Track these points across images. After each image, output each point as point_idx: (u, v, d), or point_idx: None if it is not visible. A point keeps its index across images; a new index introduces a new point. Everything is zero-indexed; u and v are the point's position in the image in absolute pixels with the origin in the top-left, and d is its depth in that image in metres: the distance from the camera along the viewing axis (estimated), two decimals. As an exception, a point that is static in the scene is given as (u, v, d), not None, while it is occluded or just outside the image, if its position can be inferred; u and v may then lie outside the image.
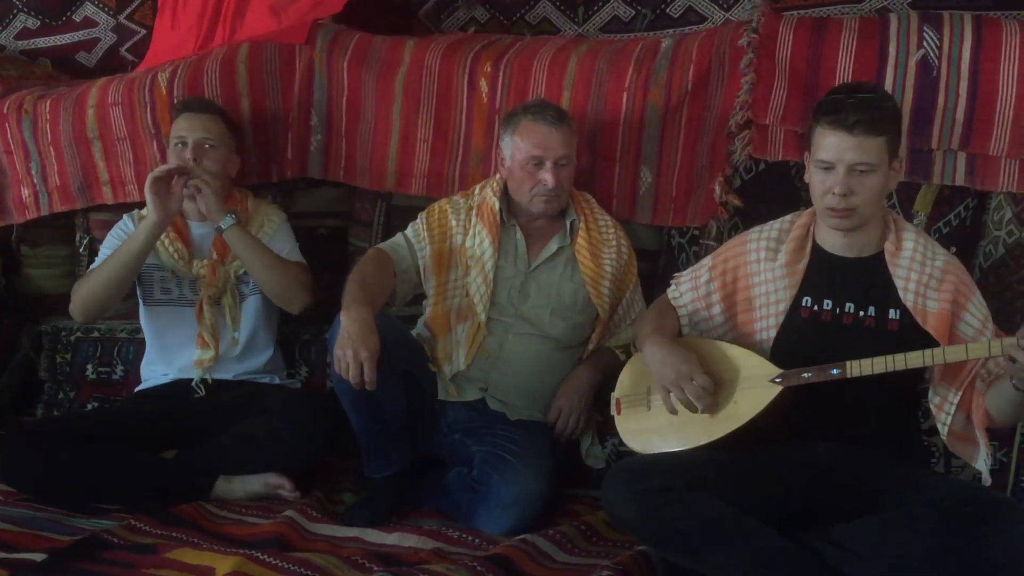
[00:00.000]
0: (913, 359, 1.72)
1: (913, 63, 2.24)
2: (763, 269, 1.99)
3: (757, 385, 1.88)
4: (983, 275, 2.28)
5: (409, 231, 2.41)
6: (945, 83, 2.22)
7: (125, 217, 2.63)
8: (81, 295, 2.46)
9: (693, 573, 1.78)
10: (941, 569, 1.62)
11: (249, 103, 2.74)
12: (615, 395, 2.13)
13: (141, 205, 2.68)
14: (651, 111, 2.47)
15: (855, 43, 2.28)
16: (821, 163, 1.83)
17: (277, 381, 2.60)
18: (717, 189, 2.40)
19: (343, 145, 2.78)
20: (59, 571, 1.82)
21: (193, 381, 2.49)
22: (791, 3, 2.66)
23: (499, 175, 2.41)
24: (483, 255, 2.32)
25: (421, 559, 1.92)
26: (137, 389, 2.61)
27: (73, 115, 2.87)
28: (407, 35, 2.89)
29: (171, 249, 2.51)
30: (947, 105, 2.22)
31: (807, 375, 1.83)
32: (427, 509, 2.26)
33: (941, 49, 2.22)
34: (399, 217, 2.68)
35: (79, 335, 2.94)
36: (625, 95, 2.48)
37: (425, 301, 2.42)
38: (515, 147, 2.31)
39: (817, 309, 1.92)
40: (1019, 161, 2.22)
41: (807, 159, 1.91)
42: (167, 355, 2.55)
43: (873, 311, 1.88)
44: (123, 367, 2.86)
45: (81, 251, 3.00)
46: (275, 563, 1.83)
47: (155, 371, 2.57)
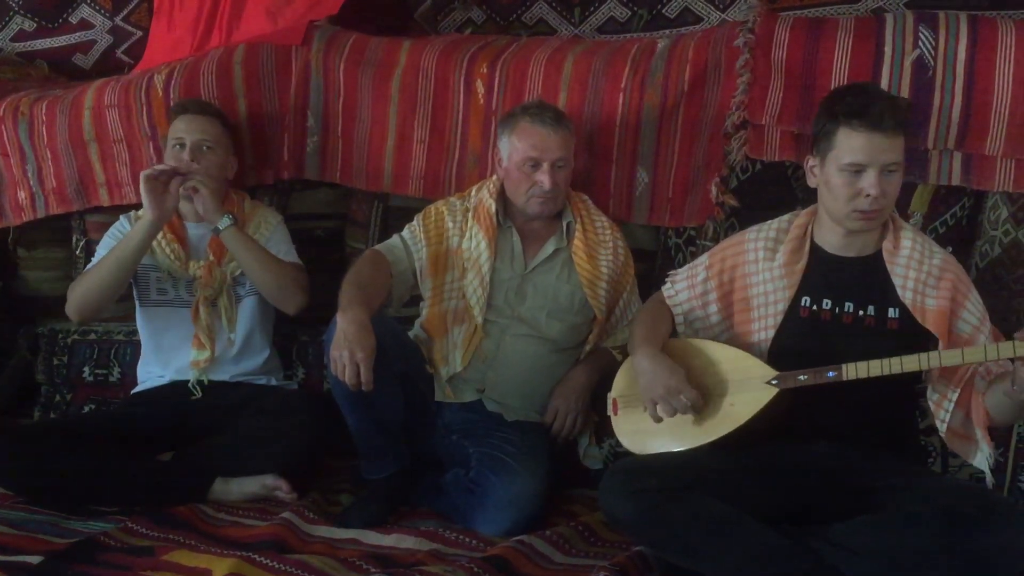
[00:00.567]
0: (909, 363, 1.72)
1: (909, 63, 2.24)
2: (761, 269, 1.99)
3: (753, 387, 1.88)
4: (979, 274, 2.28)
5: (406, 233, 2.41)
6: (941, 83, 2.22)
7: (122, 217, 2.63)
8: (77, 295, 2.46)
9: (691, 573, 1.78)
10: (938, 568, 1.62)
11: (245, 105, 2.74)
12: (612, 395, 2.13)
13: (138, 207, 2.67)
14: (647, 112, 2.47)
15: (851, 43, 2.27)
16: (851, 166, 1.80)
17: (274, 382, 2.60)
18: (713, 189, 2.39)
19: (339, 146, 2.78)
20: (56, 574, 1.82)
21: (189, 382, 2.49)
22: (787, 3, 2.66)
23: (496, 176, 2.41)
24: (479, 257, 2.32)
25: (418, 560, 1.92)
26: (134, 391, 2.61)
27: (69, 117, 2.86)
28: (403, 36, 2.89)
29: (168, 250, 2.51)
30: (943, 105, 2.22)
31: (803, 378, 1.83)
32: (424, 510, 2.26)
33: (937, 49, 2.22)
34: (395, 218, 2.68)
35: (76, 337, 2.94)
36: (621, 96, 2.48)
37: (422, 303, 2.42)
38: (512, 148, 2.31)
39: (816, 309, 1.91)
40: (1015, 160, 2.22)
41: (815, 163, 1.89)
42: (163, 356, 2.55)
43: (872, 310, 1.88)
44: (120, 369, 2.86)
45: (77, 253, 2.99)
46: (272, 565, 1.83)
47: (151, 372, 2.57)
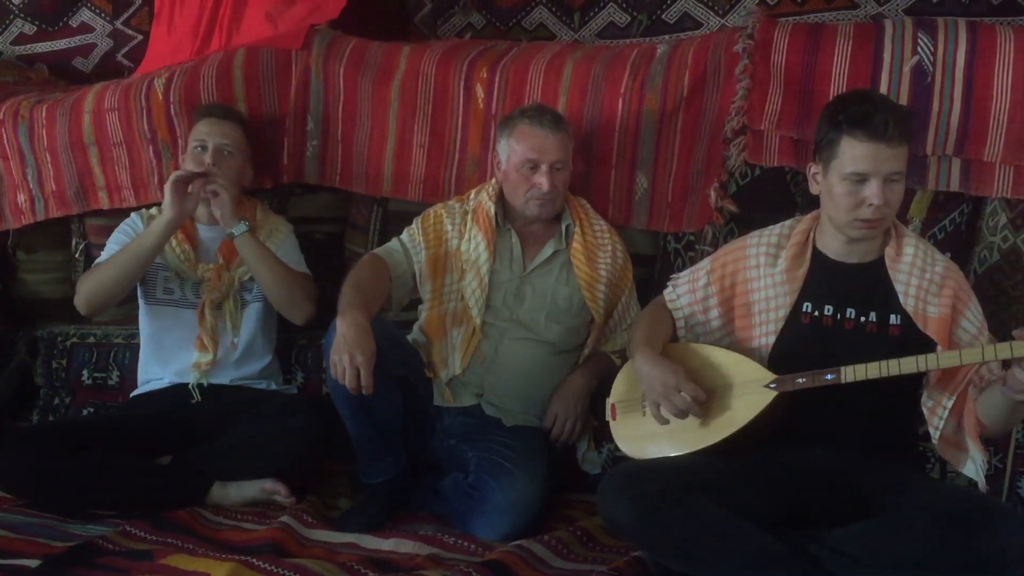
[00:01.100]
0: (907, 364, 1.72)
1: (908, 69, 2.24)
2: (763, 275, 1.98)
3: (752, 390, 1.88)
4: (978, 280, 2.28)
5: (405, 236, 2.41)
6: (940, 89, 2.22)
7: (133, 215, 2.64)
8: (88, 287, 2.47)
9: (688, 578, 1.78)
10: (935, 573, 1.62)
11: (245, 108, 2.74)
12: (610, 400, 2.13)
13: (136, 210, 2.70)
14: (647, 117, 2.47)
15: (850, 49, 2.28)
16: (854, 175, 1.80)
17: (273, 387, 2.60)
18: (713, 195, 2.39)
19: (339, 150, 2.78)
20: (54, 577, 1.82)
21: (190, 384, 2.49)
22: (786, 9, 2.67)
23: (495, 179, 2.42)
24: (478, 259, 2.32)
25: (417, 565, 1.92)
26: (133, 394, 2.61)
27: (69, 120, 2.87)
28: (403, 41, 2.90)
29: (178, 250, 2.52)
30: (941, 111, 2.22)
31: (801, 380, 1.83)
32: (423, 514, 2.26)
33: (935, 55, 2.22)
34: (395, 222, 2.68)
35: (75, 340, 2.93)
36: (621, 101, 2.49)
37: (420, 306, 2.42)
38: (511, 150, 2.32)
39: (818, 315, 1.91)
40: (1013, 167, 2.22)
41: (817, 171, 1.89)
42: (163, 356, 2.55)
43: (874, 316, 1.88)
44: (119, 372, 2.85)
45: (77, 256, 3.00)
46: (271, 569, 1.83)
47: (151, 372, 2.57)
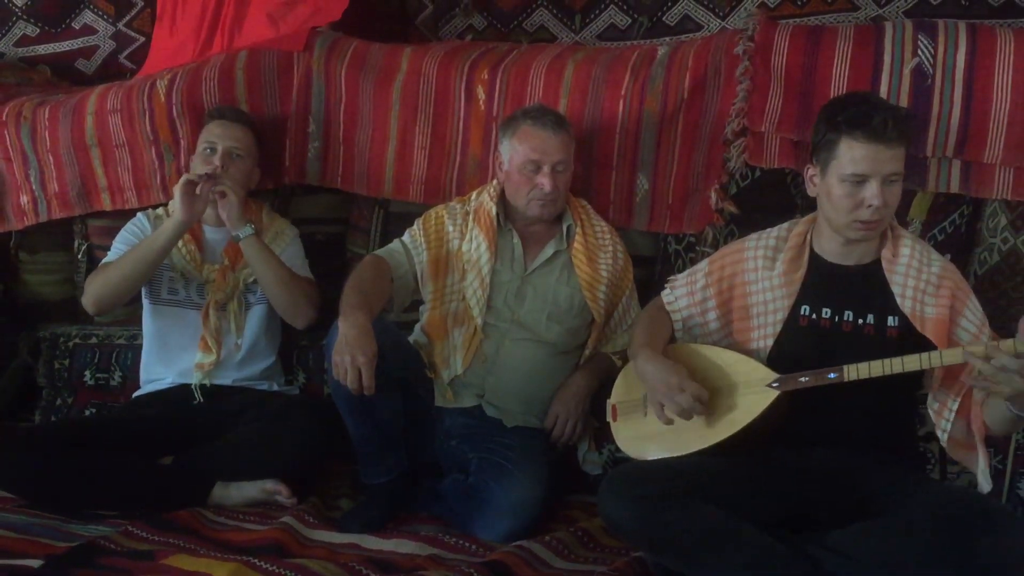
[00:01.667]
0: (910, 362, 1.72)
1: (908, 71, 2.24)
2: (761, 278, 1.99)
3: (754, 390, 1.88)
4: (978, 282, 2.28)
5: (406, 237, 2.41)
6: (940, 91, 2.22)
7: (140, 215, 2.65)
8: (96, 286, 2.47)
9: (689, 579, 1.79)
10: (936, 575, 1.62)
11: (247, 110, 2.74)
12: (611, 401, 2.14)
13: (140, 211, 2.70)
14: (647, 118, 2.48)
15: (850, 51, 2.28)
16: (853, 176, 1.80)
17: (275, 387, 2.60)
18: (713, 196, 2.40)
19: (341, 152, 2.79)
20: (56, 577, 1.82)
21: (192, 385, 2.50)
22: (787, 11, 2.67)
23: (496, 180, 2.42)
24: (480, 259, 2.33)
25: (418, 565, 1.92)
26: (135, 394, 2.61)
27: (72, 122, 2.88)
28: (404, 43, 2.90)
29: (184, 251, 2.53)
30: (942, 113, 2.23)
31: (804, 379, 1.83)
32: (424, 515, 2.26)
33: (936, 57, 2.23)
34: (396, 223, 2.69)
35: (77, 341, 2.93)
36: (621, 102, 2.49)
37: (422, 307, 2.43)
38: (513, 151, 2.32)
39: (816, 317, 1.92)
40: (1014, 168, 2.22)
41: (815, 172, 1.89)
42: (167, 356, 2.56)
43: (872, 319, 1.88)
44: (121, 373, 2.85)
45: (79, 257, 3.01)
46: (272, 569, 1.83)
47: (154, 372, 2.58)
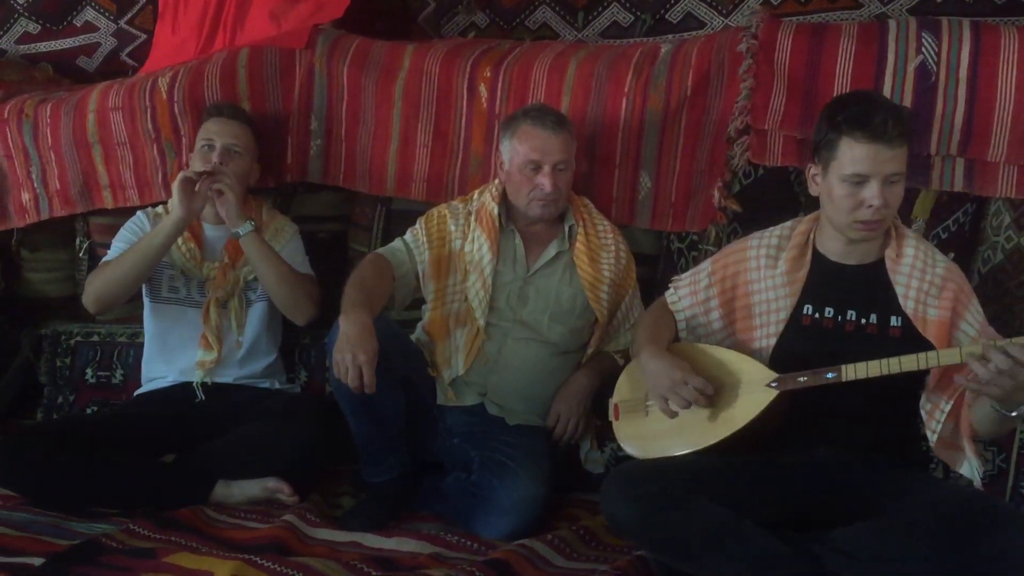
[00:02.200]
0: (907, 362, 1.71)
1: (911, 69, 2.24)
2: (763, 277, 1.98)
3: (753, 389, 1.88)
4: (982, 280, 2.28)
5: (408, 236, 2.41)
6: (943, 89, 2.22)
7: (140, 213, 2.64)
8: (96, 285, 2.47)
9: (691, 578, 1.78)
10: (939, 574, 1.62)
11: (249, 107, 2.74)
12: (613, 400, 2.13)
13: (141, 208, 2.70)
14: (650, 116, 2.47)
15: (854, 49, 2.27)
16: (854, 176, 1.79)
17: (277, 385, 2.60)
18: (716, 194, 2.39)
19: (343, 149, 2.79)
20: (58, 575, 1.82)
21: (194, 383, 2.50)
22: (790, 9, 2.67)
23: (498, 180, 2.42)
24: (482, 260, 2.32)
25: (420, 564, 1.92)
26: (137, 393, 2.61)
27: (74, 119, 2.88)
28: (407, 40, 2.90)
29: (184, 249, 2.53)
30: (945, 111, 2.22)
31: (803, 379, 1.83)
32: (426, 513, 2.26)
33: (939, 55, 2.22)
34: (398, 222, 2.69)
35: (79, 339, 2.94)
36: (624, 100, 2.49)
37: (424, 306, 2.43)
38: (514, 151, 2.31)
39: (818, 317, 1.91)
40: (1017, 167, 2.21)
41: (816, 172, 1.89)
42: (168, 354, 2.56)
43: (875, 318, 1.87)
44: (123, 371, 2.86)
45: (81, 255, 3.01)
46: (274, 567, 1.83)
47: (155, 370, 2.58)
